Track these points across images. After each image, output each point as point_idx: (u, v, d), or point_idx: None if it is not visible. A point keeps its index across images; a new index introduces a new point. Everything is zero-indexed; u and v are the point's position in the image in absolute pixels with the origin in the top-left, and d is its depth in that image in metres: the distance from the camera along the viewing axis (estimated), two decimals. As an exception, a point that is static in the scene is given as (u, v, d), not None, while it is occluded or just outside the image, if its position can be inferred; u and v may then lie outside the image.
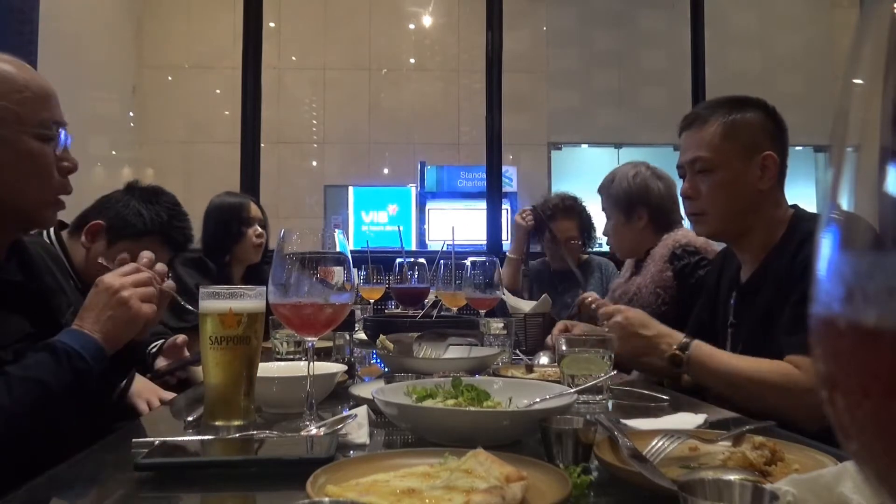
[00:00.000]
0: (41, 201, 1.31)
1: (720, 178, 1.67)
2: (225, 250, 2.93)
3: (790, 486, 0.66)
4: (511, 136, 5.24)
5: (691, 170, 1.72)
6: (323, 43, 7.51)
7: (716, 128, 1.68)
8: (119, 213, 2.09)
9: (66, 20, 4.69)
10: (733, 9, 7.32)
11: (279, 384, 1.23)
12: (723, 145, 1.67)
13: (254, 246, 2.95)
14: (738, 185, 1.66)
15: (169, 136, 7.04)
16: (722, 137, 1.67)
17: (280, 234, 1.11)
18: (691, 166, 1.72)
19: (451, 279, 2.18)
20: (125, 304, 1.22)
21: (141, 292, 1.25)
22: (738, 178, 1.66)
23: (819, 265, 0.24)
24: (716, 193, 1.68)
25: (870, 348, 0.22)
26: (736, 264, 1.79)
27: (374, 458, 0.84)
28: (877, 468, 0.23)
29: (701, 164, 1.69)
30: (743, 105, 1.70)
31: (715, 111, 1.71)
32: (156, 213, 2.12)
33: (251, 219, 2.96)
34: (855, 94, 0.24)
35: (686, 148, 1.75)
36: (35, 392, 1.10)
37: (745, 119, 1.68)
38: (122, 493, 0.82)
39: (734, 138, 1.67)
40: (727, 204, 1.68)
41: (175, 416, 1.29)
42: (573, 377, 1.35)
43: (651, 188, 2.39)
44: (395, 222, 7.22)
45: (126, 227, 2.07)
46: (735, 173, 1.66)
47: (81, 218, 2.06)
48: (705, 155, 1.68)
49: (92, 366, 1.17)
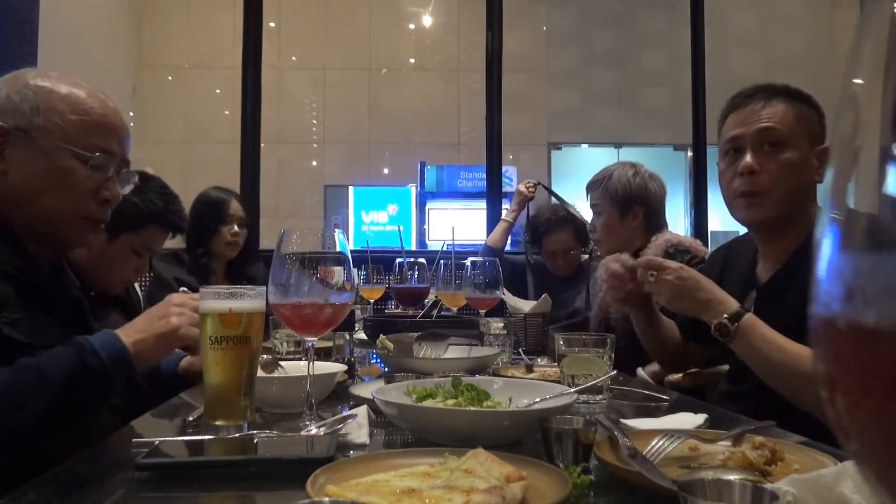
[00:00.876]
0: (66, 216, 1.35)
1: (791, 158, 1.55)
2: (202, 243, 2.95)
3: (790, 486, 0.66)
4: (511, 136, 5.24)
5: (756, 143, 1.58)
6: (323, 43, 7.52)
7: (786, 107, 1.59)
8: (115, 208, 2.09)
9: (66, 20, 4.69)
10: (733, 9, 7.33)
11: (279, 384, 1.23)
12: (795, 125, 1.57)
13: (226, 243, 2.97)
14: (802, 171, 1.56)
15: (169, 137, 7.05)
16: (795, 118, 1.58)
17: (280, 234, 1.11)
18: (759, 138, 1.57)
19: (451, 279, 2.18)
20: (168, 318, 1.27)
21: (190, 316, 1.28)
22: (804, 164, 1.56)
23: (819, 265, 0.24)
24: (784, 172, 1.55)
25: (870, 348, 0.22)
26: (747, 262, 1.71)
27: (374, 458, 0.84)
28: (877, 468, 0.23)
29: (775, 135, 1.56)
30: (800, 96, 1.64)
31: (773, 94, 1.61)
32: (150, 202, 2.11)
33: (229, 216, 2.97)
34: (855, 94, 0.24)
35: (749, 119, 1.60)
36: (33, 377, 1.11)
37: (806, 109, 1.61)
38: (122, 493, 0.82)
39: (803, 122, 1.59)
40: (790, 187, 1.55)
41: (175, 416, 1.29)
42: (573, 377, 1.35)
43: (649, 188, 2.42)
44: (395, 222, 7.23)
45: (124, 220, 2.06)
46: (802, 157, 1.56)
47: None
48: (779, 128, 1.56)
49: (106, 363, 1.17)
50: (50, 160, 1.31)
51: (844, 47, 4.37)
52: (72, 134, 1.32)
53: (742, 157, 1.58)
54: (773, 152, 1.56)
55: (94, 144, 1.34)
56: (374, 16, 7.60)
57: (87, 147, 1.33)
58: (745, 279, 1.68)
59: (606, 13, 7.71)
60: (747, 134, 1.59)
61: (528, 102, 7.34)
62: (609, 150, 7.61)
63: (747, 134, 1.59)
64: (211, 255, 2.99)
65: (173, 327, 1.26)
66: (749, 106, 1.61)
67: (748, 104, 1.62)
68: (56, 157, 1.31)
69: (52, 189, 1.32)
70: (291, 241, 1.11)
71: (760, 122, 1.57)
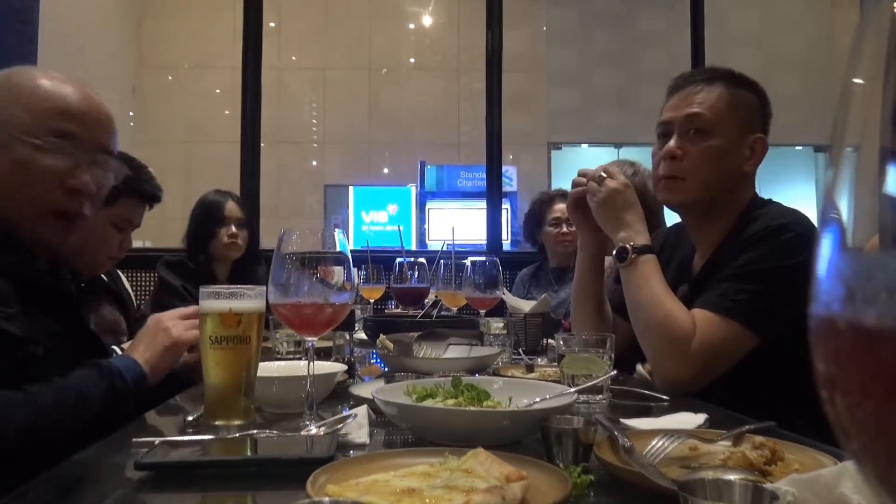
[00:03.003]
0: (34, 213, 1.27)
1: (715, 145, 1.56)
2: (202, 249, 2.95)
3: (790, 486, 0.66)
4: (511, 136, 5.25)
5: (683, 128, 1.59)
6: (323, 43, 7.52)
7: (720, 93, 1.59)
8: None
9: (66, 20, 4.69)
10: (733, 9, 7.33)
11: (279, 384, 1.23)
12: (725, 112, 1.57)
13: (225, 245, 2.96)
14: (728, 158, 1.57)
15: (169, 136, 7.05)
16: (727, 104, 1.58)
17: (280, 234, 1.11)
18: (686, 123, 1.59)
19: (451, 279, 2.17)
20: (167, 332, 1.38)
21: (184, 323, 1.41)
22: (731, 151, 1.57)
23: (819, 265, 0.24)
24: (705, 158, 1.56)
25: (870, 348, 0.22)
26: (688, 251, 1.73)
27: (374, 457, 0.84)
28: (877, 468, 0.23)
29: (700, 122, 1.57)
30: (743, 82, 1.63)
31: (715, 78, 1.61)
32: None
33: (225, 218, 2.97)
34: (855, 94, 0.24)
35: (680, 105, 1.61)
36: (73, 398, 1.17)
37: (746, 96, 1.62)
38: (122, 493, 0.82)
39: (736, 110, 1.59)
40: (712, 174, 1.57)
41: (175, 416, 1.29)
42: (573, 377, 1.35)
43: (648, 189, 2.41)
44: (395, 222, 7.22)
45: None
46: (730, 144, 1.57)
47: None
48: (706, 114, 1.57)
49: (130, 386, 1.27)
50: (9, 155, 1.25)
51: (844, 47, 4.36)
52: (29, 123, 1.26)
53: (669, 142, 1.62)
54: (697, 138, 1.58)
55: (52, 129, 1.27)
56: (374, 16, 7.60)
57: (42, 133, 1.26)
58: (682, 269, 1.72)
59: (606, 13, 7.71)
60: (675, 119, 1.61)
61: (528, 102, 7.34)
62: (609, 150, 7.62)
63: (675, 119, 1.61)
64: (213, 260, 2.99)
65: (174, 338, 1.38)
66: (686, 89, 1.63)
67: (685, 87, 1.64)
68: (12, 150, 1.25)
69: (14, 185, 1.26)
70: (291, 241, 1.10)
71: (689, 108, 1.59)
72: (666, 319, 1.46)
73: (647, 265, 1.54)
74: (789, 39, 7.58)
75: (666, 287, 1.53)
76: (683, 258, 1.74)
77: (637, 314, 1.54)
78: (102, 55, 5.92)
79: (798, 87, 7.24)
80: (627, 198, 1.63)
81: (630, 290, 1.56)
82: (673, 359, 1.44)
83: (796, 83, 7.27)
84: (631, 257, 1.55)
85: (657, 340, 1.48)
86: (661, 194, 1.67)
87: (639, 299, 1.53)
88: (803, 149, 7.75)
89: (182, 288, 2.79)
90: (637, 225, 1.61)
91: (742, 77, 1.65)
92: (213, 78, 7.04)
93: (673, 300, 1.50)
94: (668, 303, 1.48)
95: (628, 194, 1.64)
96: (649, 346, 1.51)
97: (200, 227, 2.97)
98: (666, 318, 1.46)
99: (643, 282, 1.53)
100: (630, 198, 1.63)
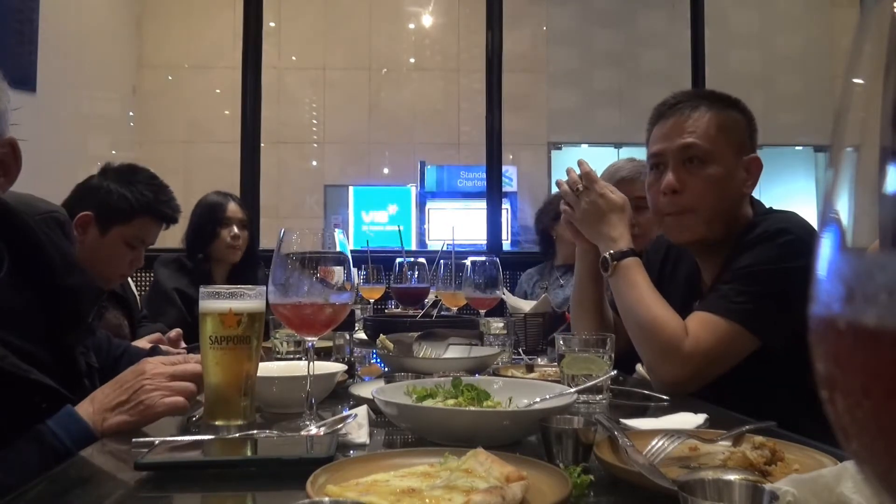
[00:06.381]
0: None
1: (713, 173, 1.52)
2: (201, 249, 2.93)
3: (790, 486, 0.66)
4: (511, 136, 5.24)
5: (678, 159, 1.54)
6: (323, 43, 7.51)
7: (709, 118, 1.53)
8: (103, 201, 2.08)
9: (66, 20, 4.69)
10: (733, 9, 7.33)
11: (279, 384, 1.23)
12: (718, 137, 1.52)
13: (227, 246, 2.95)
14: (727, 183, 1.53)
15: (169, 136, 7.04)
16: (717, 129, 1.53)
17: (280, 234, 1.11)
18: (681, 153, 1.53)
19: (451, 279, 2.17)
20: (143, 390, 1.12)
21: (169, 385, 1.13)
22: (729, 176, 1.53)
23: (819, 265, 0.24)
24: (707, 188, 1.52)
25: (870, 348, 0.21)
26: (693, 267, 1.70)
27: (374, 458, 0.84)
28: (877, 468, 0.23)
29: (695, 151, 1.52)
30: (728, 102, 1.58)
31: (699, 102, 1.56)
32: (140, 193, 2.11)
33: (227, 219, 2.96)
34: (855, 94, 0.24)
35: (671, 134, 1.55)
36: None
37: (733, 116, 1.57)
38: (122, 493, 0.82)
39: (727, 133, 1.54)
40: (717, 203, 1.53)
41: (175, 416, 1.29)
42: (573, 377, 1.35)
43: None
44: (395, 222, 7.22)
45: (114, 213, 2.07)
46: (727, 169, 1.52)
47: None
48: (700, 143, 1.52)
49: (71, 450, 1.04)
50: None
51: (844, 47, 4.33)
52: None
53: (665, 174, 1.56)
54: (695, 168, 1.53)
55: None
56: (374, 16, 7.60)
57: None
58: (691, 286, 1.69)
59: (606, 13, 7.70)
60: (669, 150, 1.56)
61: (528, 102, 7.33)
62: (609, 150, 7.61)
63: (669, 150, 1.56)
64: (212, 260, 2.98)
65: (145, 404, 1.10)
66: (673, 117, 1.57)
67: (672, 115, 1.58)
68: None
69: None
70: (291, 241, 1.10)
71: (681, 138, 1.54)
72: (654, 322, 1.46)
73: (630, 270, 1.54)
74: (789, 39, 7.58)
75: (652, 289, 1.53)
76: (690, 271, 1.72)
77: (627, 319, 1.54)
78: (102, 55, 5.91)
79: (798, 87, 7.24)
80: (602, 206, 1.61)
81: (618, 297, 1.57)
82: (665, 360, 1.44)
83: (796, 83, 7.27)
84: (612, 265, 1.56)
85: (647, 343, 1.48)
86: (670, 234, 1.61)
87: (627, 304, 1.54)
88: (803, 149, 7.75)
89: (174, 290, 2.78)
90: (615, 231, 1.59)
91: (725, 97, 1.61)
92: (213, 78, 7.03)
93: (660, 303, 1.50)
94: (654, 306, 1.48)
95: (606, 203, 1.61)
96: (641, 349, 1.52)
97: (202, 228, 2.95)
98: (653, 320, 1.46)
99: (628, 287, 1.53)
100: (608, 203, 1.61)
